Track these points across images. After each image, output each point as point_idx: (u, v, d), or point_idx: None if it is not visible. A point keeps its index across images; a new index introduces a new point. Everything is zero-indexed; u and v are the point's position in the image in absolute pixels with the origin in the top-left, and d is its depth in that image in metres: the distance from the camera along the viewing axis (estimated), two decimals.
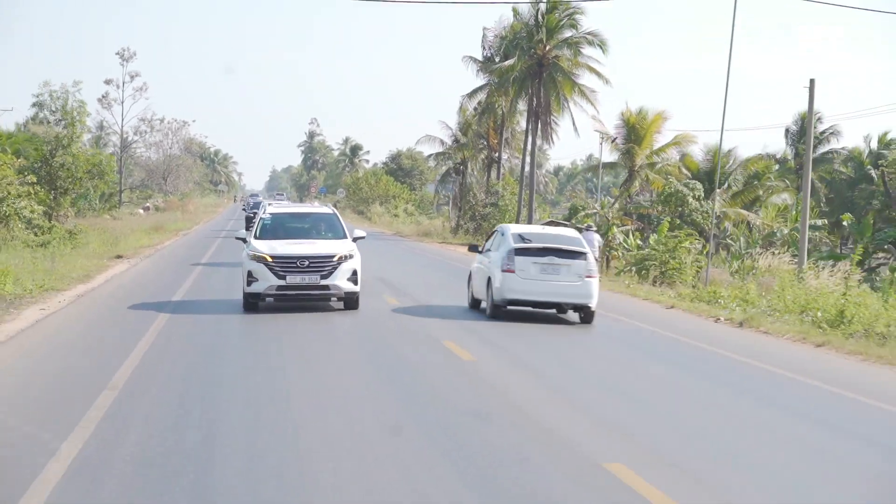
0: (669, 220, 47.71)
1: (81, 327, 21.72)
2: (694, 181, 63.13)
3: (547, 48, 65.38)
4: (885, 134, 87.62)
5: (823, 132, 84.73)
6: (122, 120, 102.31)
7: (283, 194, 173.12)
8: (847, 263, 37.23)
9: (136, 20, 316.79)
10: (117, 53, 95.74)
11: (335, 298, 25.10)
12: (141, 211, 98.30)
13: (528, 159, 68.03)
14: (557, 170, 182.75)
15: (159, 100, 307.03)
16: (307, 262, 24.35)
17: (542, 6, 65.94)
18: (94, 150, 64.03)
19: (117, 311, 24.25)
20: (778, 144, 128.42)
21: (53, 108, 57.86)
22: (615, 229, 49.09)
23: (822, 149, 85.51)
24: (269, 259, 24.36)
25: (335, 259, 24.52)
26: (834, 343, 22.68)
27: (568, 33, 65.73)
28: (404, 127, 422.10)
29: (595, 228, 41.95)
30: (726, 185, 66.25)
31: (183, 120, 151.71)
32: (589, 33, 65.42)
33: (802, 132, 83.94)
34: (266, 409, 13.48)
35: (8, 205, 44.21)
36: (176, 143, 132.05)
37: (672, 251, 40.91)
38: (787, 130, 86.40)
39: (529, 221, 64.33)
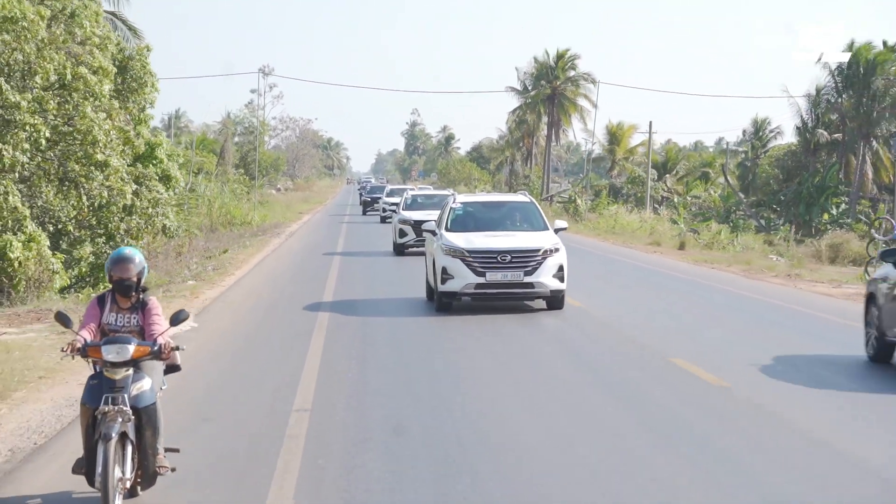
0: (607, 192, 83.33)
1: (322, 226, 59.63)
2: (652, 169, 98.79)
3: (557, 83, 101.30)
4: None
5: (771, 131, 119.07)
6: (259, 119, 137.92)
7: (384, 178, 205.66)
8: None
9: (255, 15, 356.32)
10: (259, 69, 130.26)
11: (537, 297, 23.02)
12: (273, 191, 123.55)
13: (547, 155, 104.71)
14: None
15: (284, 91, 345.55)
16: (509, 257, 22.22)
17: (554, 54, 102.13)
18: (273, 152, 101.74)
19: (326, 223, 61.19)
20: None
21: (247, 124, 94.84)
22: (578, 199, 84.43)
23: (771, 144, 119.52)
24: (467, 254, 22.36)
25: (540, 253, 22.42)
26: (592, 234, 58.42)
27: (571, 73, 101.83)
28: (489, 117, 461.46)
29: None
30: (675, 171, 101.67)
31: (307, 118, 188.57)
32: (585, 73, 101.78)
33: (756, 132, 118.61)
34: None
35: (229, 185, 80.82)
36: (301, 137, 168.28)
37: (595, 209, 76.59)
38: (744, 132, 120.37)
39: (547, 192, 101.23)
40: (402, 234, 38.96)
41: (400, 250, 39.13)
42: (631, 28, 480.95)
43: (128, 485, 9.54)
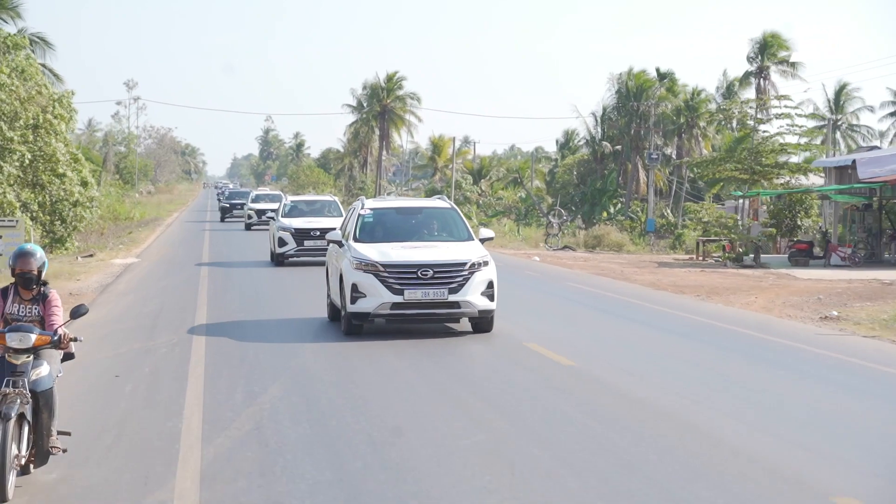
0: (425, 193, 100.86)
1: (192, 218, 76.36)
2: (468, 175, 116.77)
3: (387, 101, 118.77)
4: None
5: (578, 141, 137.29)
6: (128, 132, 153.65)
7: (238, 182, 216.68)
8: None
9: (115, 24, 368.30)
10: (125, 83, 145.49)
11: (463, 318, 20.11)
12: (137, 195, 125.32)
13: (379, 163, 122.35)
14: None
15: (145, 102, 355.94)
16: (431, 272, 19.24)
17: (384, 76, 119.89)
18: (142, 159, 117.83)
19: (194, 219, 77.69)
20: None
21: (115, 134, 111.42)
22: None
23: (581, 153, 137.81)
24: (381, 268, 19.32)
25: (467, 268, 19.48)
26: None
27: (399, 92, 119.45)
28: (339, 126, 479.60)
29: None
30: (489, 176, 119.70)
31: (168, 127, 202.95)
32: (412, 93, 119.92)
33: (566, 143, 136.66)
34: None
35: (113, 188, 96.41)
36: (161, 145, 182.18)
37: None
38: (557, 141, 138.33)
39: (378, 194, 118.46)
40: (282, 242, 36.26)
41: (279, 260, 36.36)
42: (459, 51, 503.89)
43: (22, 461, 9.96)
